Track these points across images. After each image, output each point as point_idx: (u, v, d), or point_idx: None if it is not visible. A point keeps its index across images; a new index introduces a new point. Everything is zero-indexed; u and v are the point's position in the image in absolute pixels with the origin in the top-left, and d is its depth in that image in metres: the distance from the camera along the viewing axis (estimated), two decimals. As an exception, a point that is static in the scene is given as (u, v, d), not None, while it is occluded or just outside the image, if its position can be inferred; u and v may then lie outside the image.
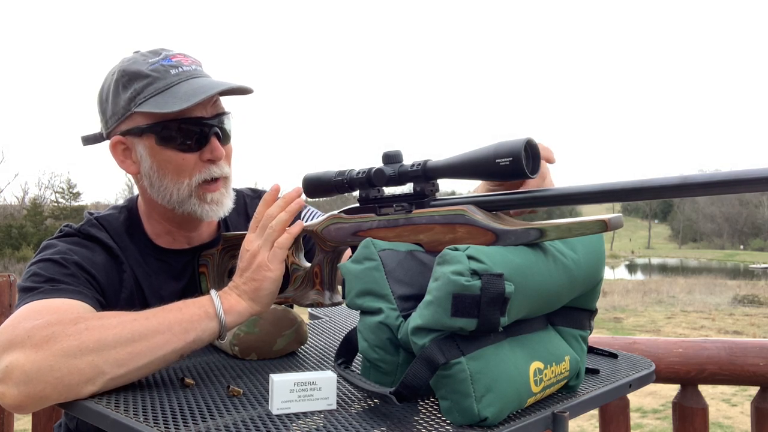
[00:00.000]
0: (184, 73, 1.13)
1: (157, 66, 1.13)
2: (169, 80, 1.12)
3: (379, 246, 0.89)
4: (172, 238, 1.25)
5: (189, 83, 1.12)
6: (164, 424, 0.80)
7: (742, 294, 17.34)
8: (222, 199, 1.19)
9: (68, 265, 1.09)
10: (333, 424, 0.81)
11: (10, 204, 35.14)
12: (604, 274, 0.98)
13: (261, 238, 1.03)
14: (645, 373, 1.09)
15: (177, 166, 1.15)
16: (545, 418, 0.85)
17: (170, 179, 1.16)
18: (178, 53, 1.17)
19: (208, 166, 1.16)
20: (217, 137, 1.16)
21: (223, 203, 1.19)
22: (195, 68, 1.16)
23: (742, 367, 1.69)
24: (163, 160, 1.14)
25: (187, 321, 0.95)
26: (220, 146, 1.16)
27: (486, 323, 0.76)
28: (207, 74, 1.17)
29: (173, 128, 1.12)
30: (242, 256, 1.04)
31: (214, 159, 1.16)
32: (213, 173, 1.16)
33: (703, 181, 0.72)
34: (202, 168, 1.16)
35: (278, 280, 1.02)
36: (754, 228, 73.93)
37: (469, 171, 0.87)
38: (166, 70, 1.12)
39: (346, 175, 1.00)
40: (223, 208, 1.20)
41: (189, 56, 1.19)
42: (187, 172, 1.15)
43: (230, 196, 1.22)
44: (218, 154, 1.15)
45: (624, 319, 12.78)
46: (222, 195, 1.19)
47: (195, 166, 1.15)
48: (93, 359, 0.89)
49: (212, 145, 1.15)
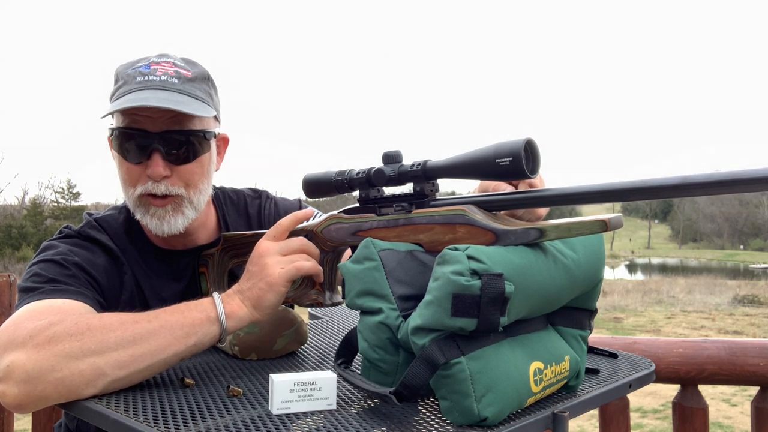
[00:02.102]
0: (146, 83, 1.11)
1: (132, 71, 1.13)
2: (129, 87, 1.11)
3: (379, 246, 0.89)
4: (166, 241, 1.25)
5: (138, 93, 1.09)
6: (164, 424, 0.80)
7: (742, 294, 17.34)
8: (166, 216, 1.15)
9: (69, 266, 1.10)
10: (333, 424, 0.81)
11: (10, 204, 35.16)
12: (604, 274, 0.98)
13: (281, 252, 1.01)
14: (645, 373, 1.09)
15: (123, 173, 1.15)
16: (545, 418, 0.85)
17: (122, 184, 1.17)
18: (169, 62, 1.15)
19: (148, 180, 1.13)
20: (160, 153, 1.11)
21: (168, 220, 1.15)
22: (166, 79, 1.11)
23: (742, 367, 1.69)
24: (118, 164, 1.16)
25: (188, 325, 0.95)
26: (158, 163, 1.11)
27: (486, 323, 0.76)
28: (179, 88, 1.12)
29: (121, 136, 1.12)
30: (254, 260, 1.02)
31: (151, 176, 1.12)
32: (150, 189, 1.13)
33: (702, 181, 0.72)
34: (144, 181, 1.13)
35: (283, 296, 1.00)
36: (754, 228, 73.92)
37: (469, 171, 0.87)
38: (134, 76, 1.12)
39: (346, 175, 1.00)
40: (169, 225, 1.15)
41: (184, 67, 1.16)
42: (131, 182, 1.14)
43: (184, 215, 1.17)
44: (152, 171, 1.11)
45: (624, 319, 12.78)
46: (167, 212, 1.15)
47: (137, 178, 1.14)
48: (94, 361, 0.89)
49: (151, 161, 1.11)
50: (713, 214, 75.73)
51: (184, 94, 1.12)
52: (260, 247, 1.03)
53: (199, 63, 1.20)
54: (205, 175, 1.18)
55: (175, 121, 1.11)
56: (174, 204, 1.15)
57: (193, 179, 1.16)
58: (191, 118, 1.12)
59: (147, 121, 1.10)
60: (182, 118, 1.12)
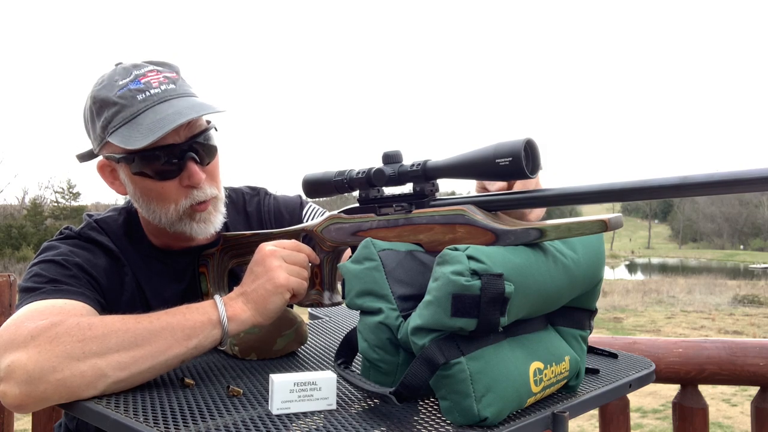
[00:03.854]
0: (150, 98, 1.07)
1: (125, 92, 1.07)
2: (135, 108, 1.06)
3: (379, 246, 0.89)
4: (167, 241, 1.25)
5: (155, 110, 1.06)
6: (164, 424, 0.80)
7: (742, 294, 17.33)
8: (210, 218, 1.16)
9: (70, 266, 1.09)
10: (333, 424, 0.81)
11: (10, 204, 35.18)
12: (604, 274, 0.98)
13: (286, 260, 1.01)
14: (645, 373, 1.09)
15: (158, 195, 1.12)
16: (545, 418, 0.85)
17: (156, 205, 1.13)
18: (151, 69, 1.11)
19: (190, 191, 1.12)
20: (195, 161, 1.11)
21: (212, 221, 1.17)
22: (165, 88, 1.09)
23: (742, 367, 1.69)
24: (144, 188, 1.12)
25: (189, 327, 0.95)
26: (197, 171, 1.11)
27: (486, 323, 0.76)
28: (181, 91, 1.11)
29: (145, 159, 1.08)
30: (259, 261, 1.02)
31: (193, 185, 1.12)
32: (197, 198, 1.13)
33: (702, 181, 0.72)
34: (186, 194, 1.12)
35: (286, 302, 1.01)
36: (754, 228, 73.91)
37: (469, 171, 0.87)
38: (133, 96, 1.07)
39: (346, 175, 1.00)
40: (213, 225, 1.17)
41: (164, 70, 1.12)
42: (172, 199, 1.12)
43: (221, 212, 1.19)
44: (195, 180, 1.11)
45: (624, 319, 12.78)
46: (210, 213, 1.16)
47: (178, 193, 1.12)
48: (96, 362, 0.89)
49: (189, 171, 1.10)
50: (713, 214, 75.71)
51: (189, 95, 1.12)
52: (265, 249, 1.03)
53: (167, 61, 1.17)
54: (220, 167, 1.21)
55: (192, 126, 1.11)
56: (213, 204, 1.17)
57: (216, 175, 1.18)
58: (201, 117, 1.12)
59: (168, 135, 1.06)
60: (196, 121, 1.11)
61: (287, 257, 1.02)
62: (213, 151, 1.16)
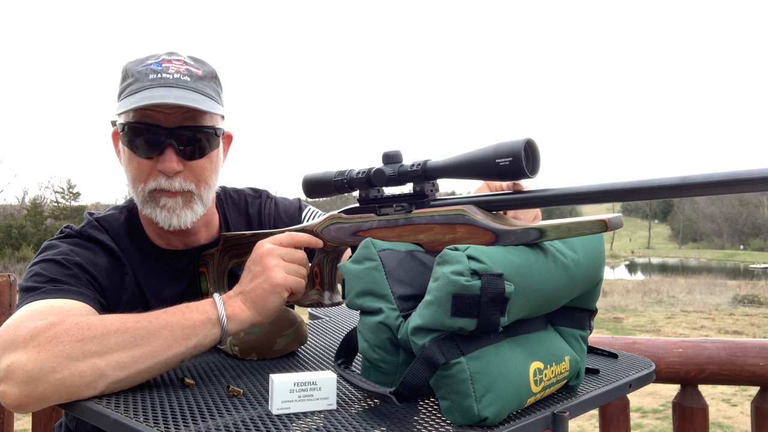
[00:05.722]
0: (159, 80, 1.11)
1: (144, 68, 1.13)
2: (142, 83, 1.11)
3: (379, 246, 0.89)
4: (167, 240, 1.25)
5: (153, 90, 1.10)
6: (164, 424, 0.80)
7: (742, 294, 17.33)
8: (177, 209, 1.15)
9: (70, 266, 1.10)
10: (333, 424, 0.81)
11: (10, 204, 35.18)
12: (604, 274, 0.98)
13: (284, 258, 1.01)
14: (645, 373, 1.09)
15: (134, 170, 1.15)
16: (545, 418, 0.85)
17: (131, 180, 1.16)
18: (177, 59, 1.16)
19: (161, 176, 1.13)
20: (174, 149, 1.12)
21: (179, 214, 1.16)
22: (179, 77, 1.13)
23: (742, 367, 1.69)
24: (127, 159, 1.16)
25: (189, 326, 0.95)
26: (172, 159, 1.12)
27: (486, 323, 0.76)
28: (192, 86, 1.13)
29: (132, 131, 1.12)
30: (257, 260, 1.01)
31: (164, 171, 1.12)
32: (163, 185, 1.13)
33: (702, 181, 0.72)
34: (156, 176, 1.13)
35: (284, 301, 1.01)
36: (754, 228, 73.91)
37: (469, 171, 0.87)
38: (147, 74, 1.12)
39: (346, 175, 1.00)
40: (180, 218, 1.16)
41: (193, 64, 1.17)
42: (142, 177, 1.14)
43: (194, 211, 1.17)
44: (167, 167, 1.12)
45: (624, 319, 12.78)
46: (177, 205, 1.15)
47: (149, 173, 1.14)
48: (95, 362, 0.89)
49: (165, 156, 1.12)
50: (713, 214, 75.72)
51: (197, 92, 1.13)
52: (263, 247, 1.02)
53: (206, 62, 1.21)
54: (214, 171, 1.20)
55: (188, 117, 1.13)
56: (184, 198, 1.16)
57: (203, 175, 1.17)
58: (203, 114, 1.13)
59: (160, 116, 1.11)
60: (195, 115, 1.13)
61: (285, 255, 1.01)
62: (203, 150, 1.16)
